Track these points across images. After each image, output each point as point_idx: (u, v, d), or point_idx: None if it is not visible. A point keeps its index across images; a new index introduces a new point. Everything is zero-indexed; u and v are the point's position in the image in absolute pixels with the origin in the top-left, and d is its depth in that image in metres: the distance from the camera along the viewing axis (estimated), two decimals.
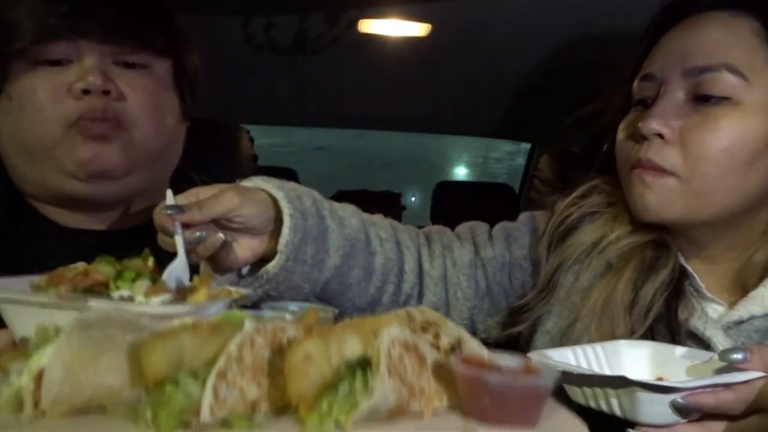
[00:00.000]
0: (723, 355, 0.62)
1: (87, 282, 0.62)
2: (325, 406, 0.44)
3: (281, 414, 0.46)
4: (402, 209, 3.51)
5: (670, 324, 0.79)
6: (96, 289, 0.63)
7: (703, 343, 0.77)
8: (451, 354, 0.52)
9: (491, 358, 0.52)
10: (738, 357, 0.61)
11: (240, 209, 0.75)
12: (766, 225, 0.82)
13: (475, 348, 0.55)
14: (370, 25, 1.90)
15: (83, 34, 0.86)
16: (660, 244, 0.85)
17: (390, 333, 0.48)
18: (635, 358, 0.71)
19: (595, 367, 0.69)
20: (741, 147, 0.76)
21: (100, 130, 0.86)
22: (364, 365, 0.46)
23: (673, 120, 0.79)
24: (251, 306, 0.80)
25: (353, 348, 0.47)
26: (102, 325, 0.46)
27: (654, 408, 0.60)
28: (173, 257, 0.71)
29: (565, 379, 0.64)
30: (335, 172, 5.86)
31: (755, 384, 0.60)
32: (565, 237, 0.91)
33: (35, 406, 0.44)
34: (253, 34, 1.94)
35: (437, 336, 0.55)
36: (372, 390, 0.44)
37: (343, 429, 0.44)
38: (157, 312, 0.58)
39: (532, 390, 0.49)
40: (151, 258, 0.69)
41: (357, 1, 1.75)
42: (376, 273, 0.90)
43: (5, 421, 0.43)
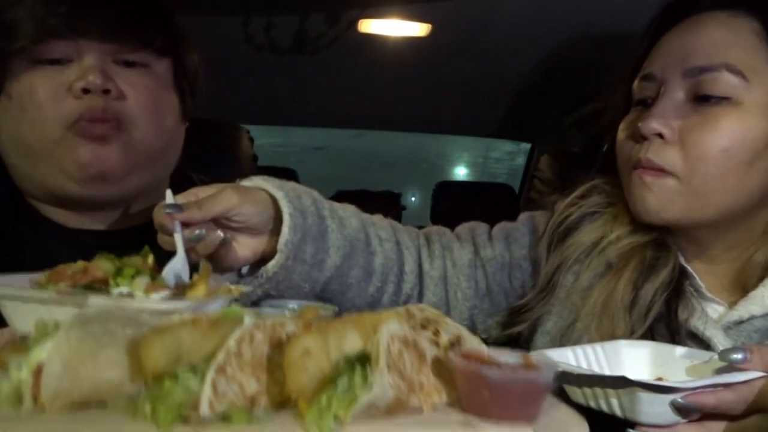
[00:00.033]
0: (723, 355, 0.61)
1: (86, 279, 0.62)
2: (324, 400, 0.44)
3: (280, 409, 0.46)
4: (402, 209, 3.51)
5: (670, 324, 0.79)
6: (95, 286, 0.63)
7: (703, 343, 0.77)
8: (451, 350, 0.52)
9: (490, 353, 0.52)
10: (738, 357, 0.60)
11: (239, 208, 0.75)
12: (766, 225, 0.82)
13: (475, 345, 0.55)
14: (370, 25, 1.90)
15: (83, 33, 0.86)
16: (660, 244, 0.85)
17: (389, 328, 0.48)
18: (635, 358, 0.71)
19: (595, 367, 0.69)
20: (741, 147, 0.76)
21: (99, 131, 0.86)
22: (363, 360, 0.46)
23: (673, 120, 0.79)
24: (251, 305, 0.80)
25: (352, 343, 0.47)
26: (101, 320, 0.46)
27: (654, 408, 0.60)
28: (173, 256, 0.71)
29: (565, 380, 0.64)
30: (335, 172, 5.86)
31: (755, 384, 0.60)
32: (565, 237, 0.91)
33: (34, 400, 0.44)
34: (253, 34, 1.94)
35: (437, 333, 0.55)
36: (371, 384, 0.44)
37: (342, 423, 0.44)
38: (157, 308, 0.58)
39: (531, 385, 0.49)
40: (151, 255, 0.69)
41: (357, 1, 1.75)
42: (376, 273, 0.90)
43: (5, 416, 0.43)
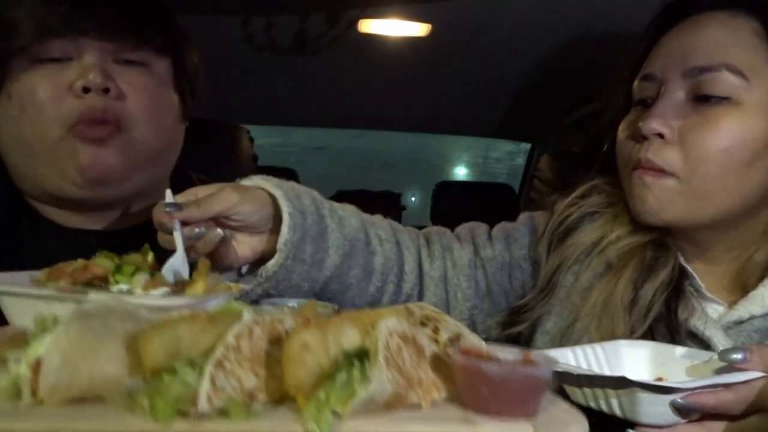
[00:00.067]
0: (723, 355, 0.61)
1: (86, 276, 0.62)
2: (323, 395, 0.43)
3: (279, 405, 0.46)
4: (402, 209, 3.50)
5: (670, 324, 0.79)
6: (95, 283, 0.63)
7: (703, 343, 0.77)
8: (450, 346, 0.52)
9: (489, 349, 0.52)
10: (738, 357, 0.60)
11: (238, 207, 0.75)
12: (766, 225, 0.82)
13: (475, 342, 0.55)
14: (370, 25, 1.90)
15: (83, 31, 0.86)
16: (660, 244, 0.85)
17: (388, 324, 0.47)
18: (635, 358, 0.71)
19: (595, 368, 0.69)
20: (741, 147, 0.76)
21: (99, 133, 0.86)
22: (361, 355, 0.45)
23: (674, 120, 0.79)
24: (251, 304, 0.79)
25: (351, 339, 0.46)
26: (101, 315, 0.46)
27: (654, 408, 0.60)
28: (173, 255, 0.71)
29: (565, 380, 0.64)
30: (335, 172, 5.85)
31: (755, 384, 0.60)
32: (565, 237, 0.91)
33: (33, 394, 0.43)
34: (253, 34, 1.94)
35: (436, 331, 0.54)
36: (369, 379, 0.44)
37: (341, 418, 0.44)
38: (156, 304, 0.58)
39: (530, 380, 0.48)
40: (151, 253, 0.69)
41: (357, 1, 1.75)
42: (375, 273, 0.90)
43: (3, 410, 0.43)
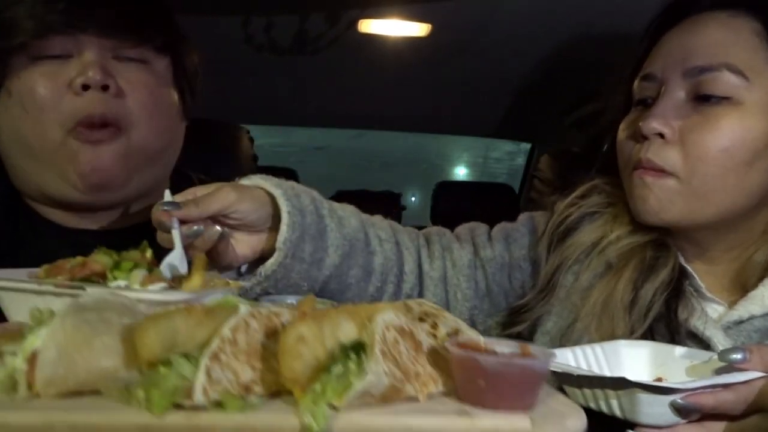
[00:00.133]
0: (723, 355, 0.61)
1: (84, 272, 0.62)
2: (319, 387, 0.43)
3: (275, 398, 0.46)
4: (402, 209, 3.51)
5: (669, 324, 0.79)
6: (93, 279, 0.63)
7: (703, 343, 0.77)
8: (448, 339, 0.52)
9: (487, 343, 0.52)
10: (737, 357, 0.60)
11: (236, 205, 0.75)
12: (765, 225, 0.82)
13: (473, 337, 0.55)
14: (370, 25, 1.90)
15: (83, 28, 0.86)
16: (660, 244, 0.85)
17: (385, 317, 0.47)
18: (635, 358, 0.71)
19: (595, 368, 0.69)
20: (741, 147, 0.76)
21: (99, 136, 0.86)
22: (358, 348, 0.45)
23: (674, 120, 0.79)
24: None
25: (348, 332, 0.46)
26: (97, 309, 0.46)
27: (654, 409, 0.60)
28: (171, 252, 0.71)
29: (565, 381, 0.64)
30: (335, 172, 5.85)
31: (755, 384, 0.60)
32: (565, 237, 0.91)
33: (29, 387, 0.43)
34: (253, 34, 1.94)
35: (435, 326, 0.54)
36: (366, 371, 0.44)
37: (337, 411, 0.44)
38: (154, 298, 0.58)
39: (527, 373, 0.48)
40: (149, 250, 0.69)
41: (357, 1, 1.75)
42: (375, 273, 0.90)
43: None
